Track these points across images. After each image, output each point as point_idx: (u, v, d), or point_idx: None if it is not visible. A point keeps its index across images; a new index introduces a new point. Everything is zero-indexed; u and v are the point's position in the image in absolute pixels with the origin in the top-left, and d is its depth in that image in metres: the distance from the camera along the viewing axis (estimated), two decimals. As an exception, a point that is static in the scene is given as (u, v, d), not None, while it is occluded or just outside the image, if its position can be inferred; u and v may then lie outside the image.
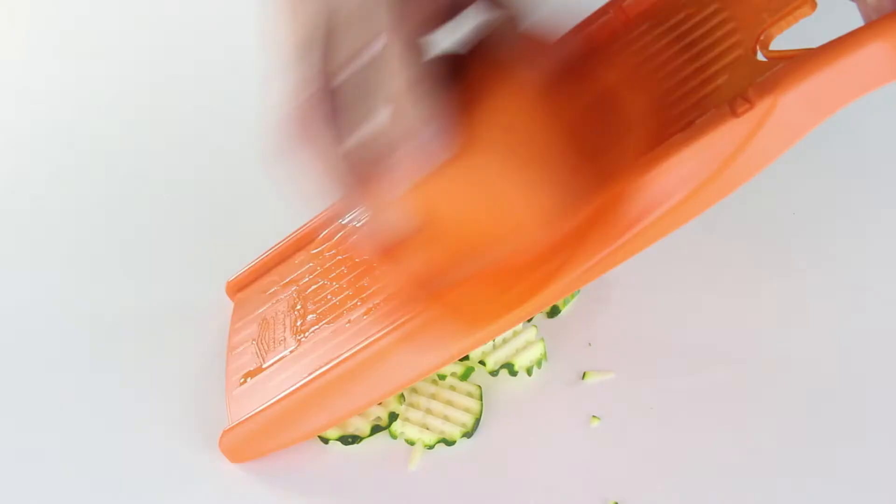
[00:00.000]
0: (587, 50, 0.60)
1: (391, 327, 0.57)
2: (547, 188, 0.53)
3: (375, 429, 0.63)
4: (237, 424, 0.61)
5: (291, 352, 0.63)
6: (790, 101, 0.49)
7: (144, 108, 0.86)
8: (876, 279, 0.68)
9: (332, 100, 0.51)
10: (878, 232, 0.71)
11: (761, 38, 0.54)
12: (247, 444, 0.61)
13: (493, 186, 0.52)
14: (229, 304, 0.72)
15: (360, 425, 0.63)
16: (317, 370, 0.59)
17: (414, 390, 0.64)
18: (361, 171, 0.52)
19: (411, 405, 0.64)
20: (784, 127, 0.50)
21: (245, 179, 0.77)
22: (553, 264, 0.55)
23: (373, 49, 0.49)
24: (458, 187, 0.52)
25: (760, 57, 0.54)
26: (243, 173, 0.69)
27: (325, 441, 0.63)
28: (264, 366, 0.64)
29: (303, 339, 0.63)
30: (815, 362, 0.64)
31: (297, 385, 0.59)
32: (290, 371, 0.62)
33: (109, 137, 0.88)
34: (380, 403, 0.63)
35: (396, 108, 0.49)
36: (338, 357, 0.59)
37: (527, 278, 0.56)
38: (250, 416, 0.61)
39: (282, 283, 0.70)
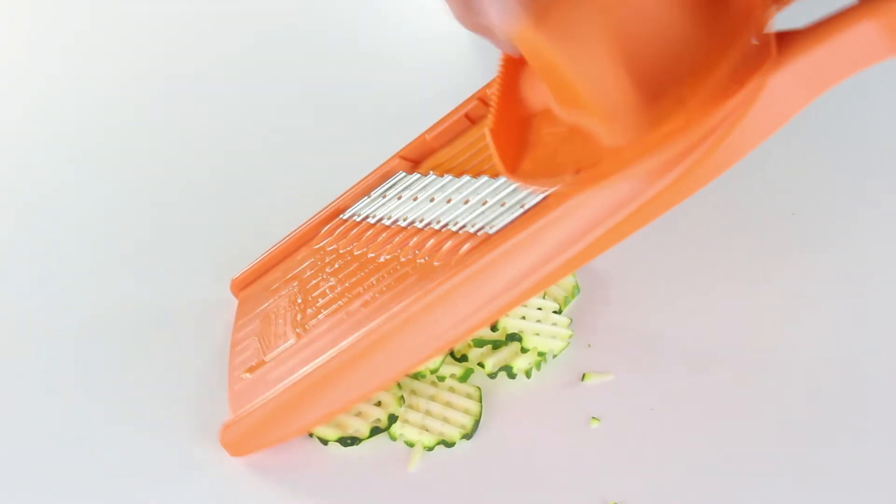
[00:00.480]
0: None
1: (387, 316, 0.57)
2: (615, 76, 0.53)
3: (375, 430, 0.62)
4: (237, 417, 0.61)
5: (291, 345, 0.63)
6: (780, 81, 0.49)
7: (149, 105, 0.86)
8: (877, 279, 0.68)
9: None
10: (878, 231, 0.71)
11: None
12: (246, 436, 0.61)
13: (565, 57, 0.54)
14: (234, 302, 0.73)
15: (360, 426, 0.63)
16: (314, 361, 0.59)
17: (413, 392, 0.64)
18: None
19: (410, 407, 0.63)
20: (774, 107, 0.50)
21: (250, 178, 0.78)
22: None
23: None
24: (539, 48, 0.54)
25: (753, 40, 0.54)
26: (248, 172, 0.70)
27: (325, 442, 0.62)
28: (265, 360, 0.64)
29: (302, 333, 0.63)
30: (815, 362, 0.63)
31: (296, 377, 0.60)
32: (289, 364, 0.62)
33: (115, 135, 0.88)
34: (379, 404, 0.63)
35: None
36: (335, 348, 0.59)
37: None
38: (250, 409, 0.61)
39: (284, 279, 0.70)
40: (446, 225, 0.61)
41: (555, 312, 0.67)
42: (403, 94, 0.83)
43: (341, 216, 0.70)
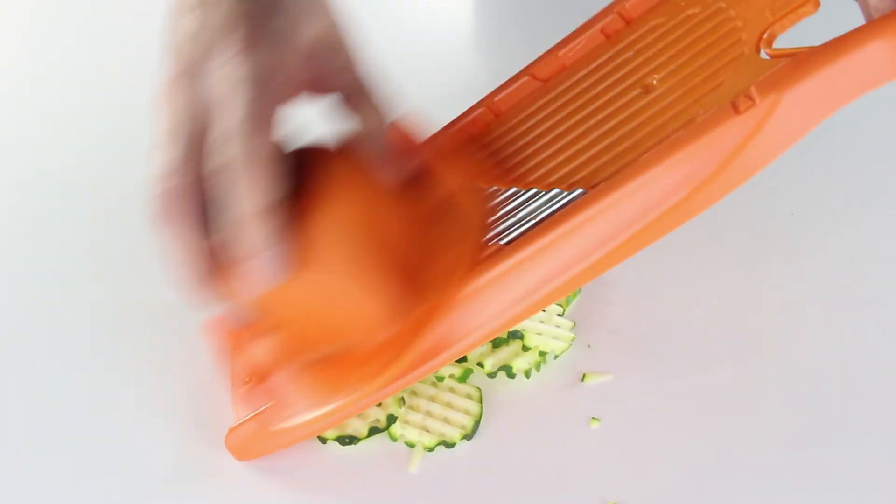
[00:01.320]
0: (442, 154, 0.64)
1: None
2: (375, 296, 0.57)
3: (373, 430, 0.63)
4: (243, 422, 0.61)
5: None
6: (792, 99, 0.49)
7: (146, 104, 0.85)
8: (875, 278, 0.69)
9: (198, 191, 0.55)
10: (876, 231, 0.72)
11: (764, 36, 0.55)
12: (252, 441, 0.61)
13: (328, 295, 0.57)
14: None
15: (358, 426, 0.63)
16: None
17: (414, 392, 0.64)
18: (218, 266, 0.55)
19: (411, 408, 0.64)
20: (786, 125, 0.50)
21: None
22: (390, 354, 0.57)
23: (227, 156, 0.53)
24: (299, 295, 0.57)
25: (763, 55, 0.54)
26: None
27: (324, 441, 0.63)
28: (269, 366, 0.63)
29: None
30: (815, 362, 0.64)
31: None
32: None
33: (117, 133, 0.87)
34: (379, 405, 0.63)
35: (242, 228, 0.53)
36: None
37: (369, 364, 0.58)
38: (256, 414, 0.61)
39: None
40: None
41: (558, 315, 0.67)
42: (412, 82, 0.82)
43: None
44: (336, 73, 0.59)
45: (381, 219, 0.58)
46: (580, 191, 0.56)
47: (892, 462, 0.59)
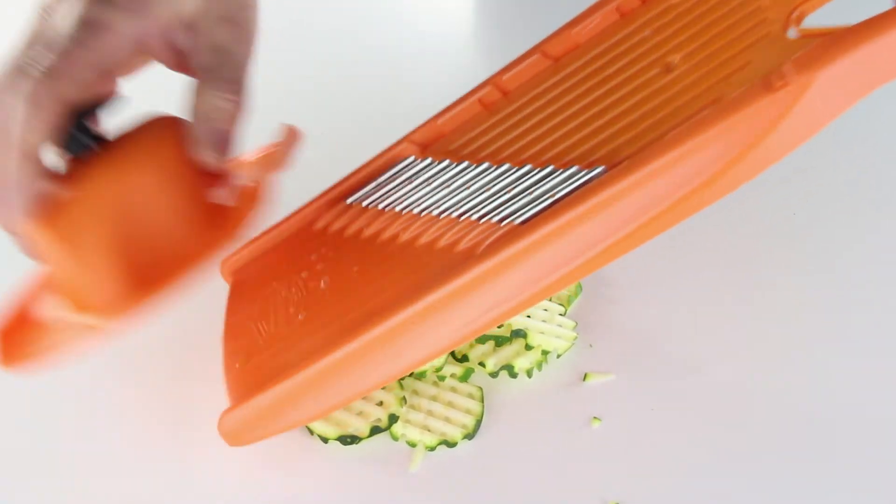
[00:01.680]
0: None
1: (406, 305, 0.55)
2: (96, 276, 0.58)
3: (374, 430, 0.62)
4: (238, 405, 0.59)
5: (297, 332, 0.61)
6: (827, 79, 0.48)
7: (159, 84, 0.84)
8: (877, 280, 0.70)
9: None
10: (879, 232, 0.73)
11: (794, 15, 0.54)
12: (247, 426, 0.59)
13: (60, 257, 0.58)
14: (224, 286, 0.70)
15: (360, 426, 0.62)
16: (324, 350, 0.57)
17: (415, 392, 0.64)
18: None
19: (413, 407, 0.63)
20: (817, 106, 0.49)
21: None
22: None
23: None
24: (41, 245, 0.58)
25: (792, 35, 0.54)
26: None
27: (325, 440, 0.62)
28: (268, 347, 0.61)
29: (308, 319, 0.61)
30: (815, 363, 0.64)
31: (304, 365, 0.57)
32: (295, 351, 0.59)
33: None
34: (380, 404, 0.62)
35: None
36: (346, 337, 0.56)
37: None
38: (252, 397, 0.58)
39: (284, 263, 0.67)
40: (466, 213, 0.59)
41: (560, 315, 0.67)
42: (412, 82, 0.81)
43: (346, 201, 0.68)
44: (209, 52, 0.58)
45: (154, 200, 0.58)
46: (601, 168, 0.55)
47: (892, 463, 0.59)
